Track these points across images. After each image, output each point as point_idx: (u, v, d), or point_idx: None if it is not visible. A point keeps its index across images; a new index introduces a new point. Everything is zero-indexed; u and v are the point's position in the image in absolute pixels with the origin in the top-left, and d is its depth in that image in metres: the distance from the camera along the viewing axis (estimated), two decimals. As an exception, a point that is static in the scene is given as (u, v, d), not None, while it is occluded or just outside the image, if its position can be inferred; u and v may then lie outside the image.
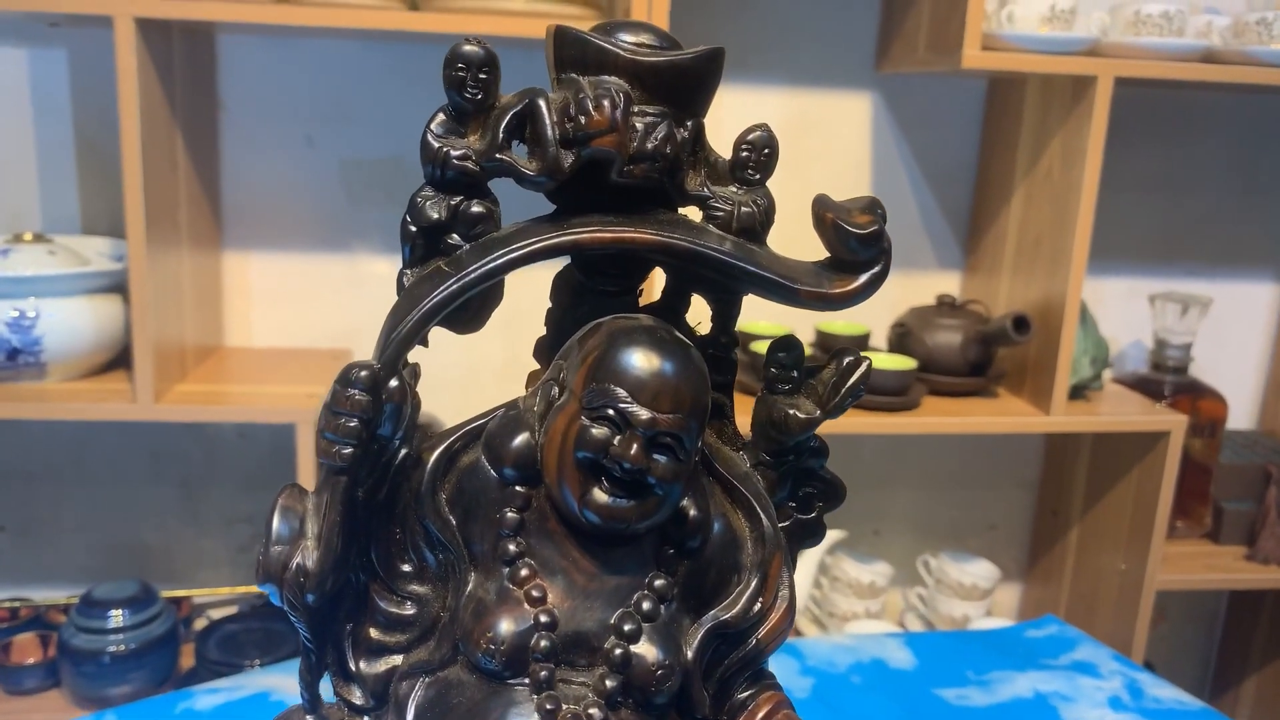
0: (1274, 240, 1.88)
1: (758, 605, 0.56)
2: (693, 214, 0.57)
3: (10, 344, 1.33)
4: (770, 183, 0.57)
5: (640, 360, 0.51)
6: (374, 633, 0.56)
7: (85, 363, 1.40)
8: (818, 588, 1.75)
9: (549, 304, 0.59)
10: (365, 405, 0.50)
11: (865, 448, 1.82)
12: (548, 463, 0.52)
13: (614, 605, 0.53)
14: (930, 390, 1.57)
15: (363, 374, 0.50)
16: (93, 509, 1.65)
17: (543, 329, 0.59)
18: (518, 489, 0.54)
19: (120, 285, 1.41)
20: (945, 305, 1.64)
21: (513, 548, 0.53)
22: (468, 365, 1.64)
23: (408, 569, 0.56)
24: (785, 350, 0.58)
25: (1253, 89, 1.59)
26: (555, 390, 0.53)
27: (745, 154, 0.56)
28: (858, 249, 0.54)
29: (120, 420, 1.37)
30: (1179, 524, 1.73)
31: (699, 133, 0.55)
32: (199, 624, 1.63)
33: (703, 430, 0.53)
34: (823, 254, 0.56)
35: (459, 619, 0.53)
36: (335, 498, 0.51)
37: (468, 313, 0.54)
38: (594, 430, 0.50)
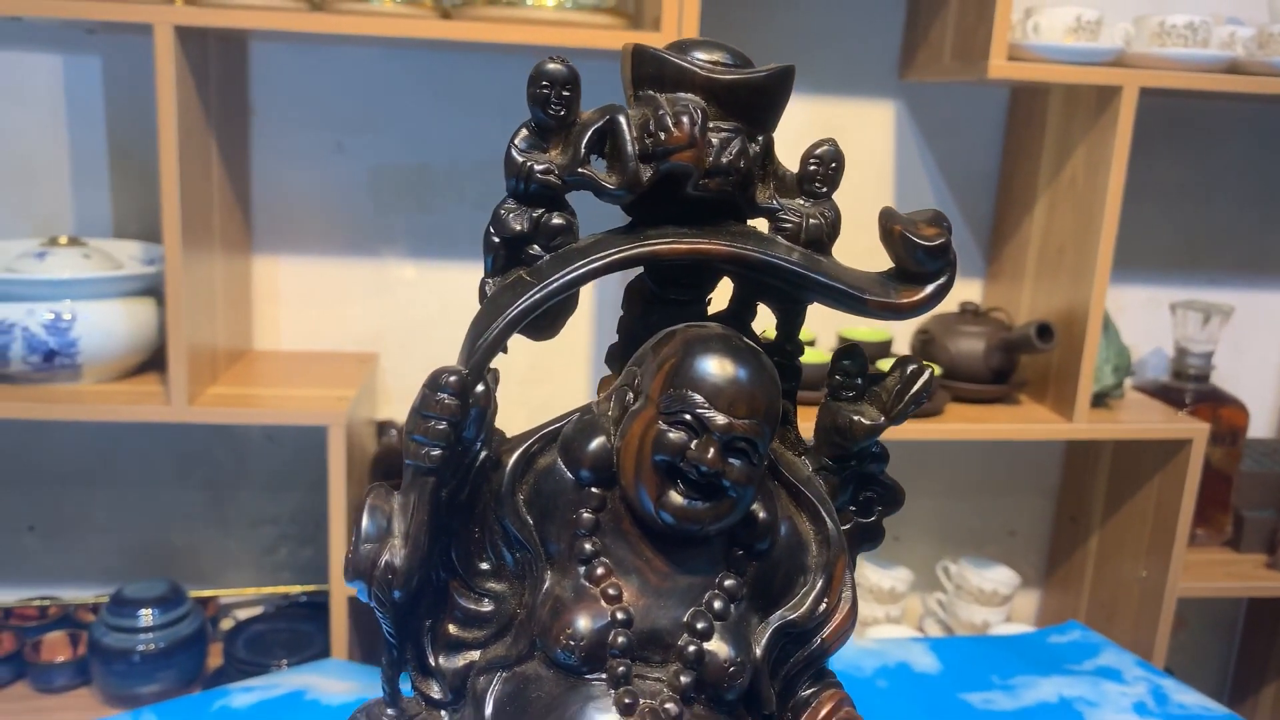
0: (1295, 250, 1.89)
1: (823, 605, 0.58)
2: (759, 225, 0.58)
3: (47, 346, 1.34)
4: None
5: (716, 367, 0.52)
6: (452, 629, 0.57)
7: (119, 365, 1.41)
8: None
9: (620, 312, 0.61)
10: (454, 409, 0.51)
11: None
12: (625, 465, 0.54)
13: (686, 604, 0.55)
14: (954, 397, 1.58)
15: (451, 379, 0.52)
16: (122, 510, 1.66)
17: (560, 333, 0.61)
18: (593, 490, 0.55)
19: (153, 288, 1.42)
20: (968, 312, 1.65)
21: (589, 547, 0.55)
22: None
23: (486, 567, 0.57)
24: (850, 358, 0.60)
25: (1276, 99, 1.60)
26: (630, 396, 0.55)
27: (813, 167, 0.57)
28: (925, 260, 0.55)
29: (151, 422, 1.38)
30: (1199, 532, 1.73)
31: (769, 147, 0.57)
32: (225, 624, 1.64)
33: (774, 435, 0.55)
34: (847, 258, 0.58)
35: (536, 616, 0.55)
36: (423, 498, 0.53)
37: (545, 320, 0.56)
38: (671, 435, 0.52)
